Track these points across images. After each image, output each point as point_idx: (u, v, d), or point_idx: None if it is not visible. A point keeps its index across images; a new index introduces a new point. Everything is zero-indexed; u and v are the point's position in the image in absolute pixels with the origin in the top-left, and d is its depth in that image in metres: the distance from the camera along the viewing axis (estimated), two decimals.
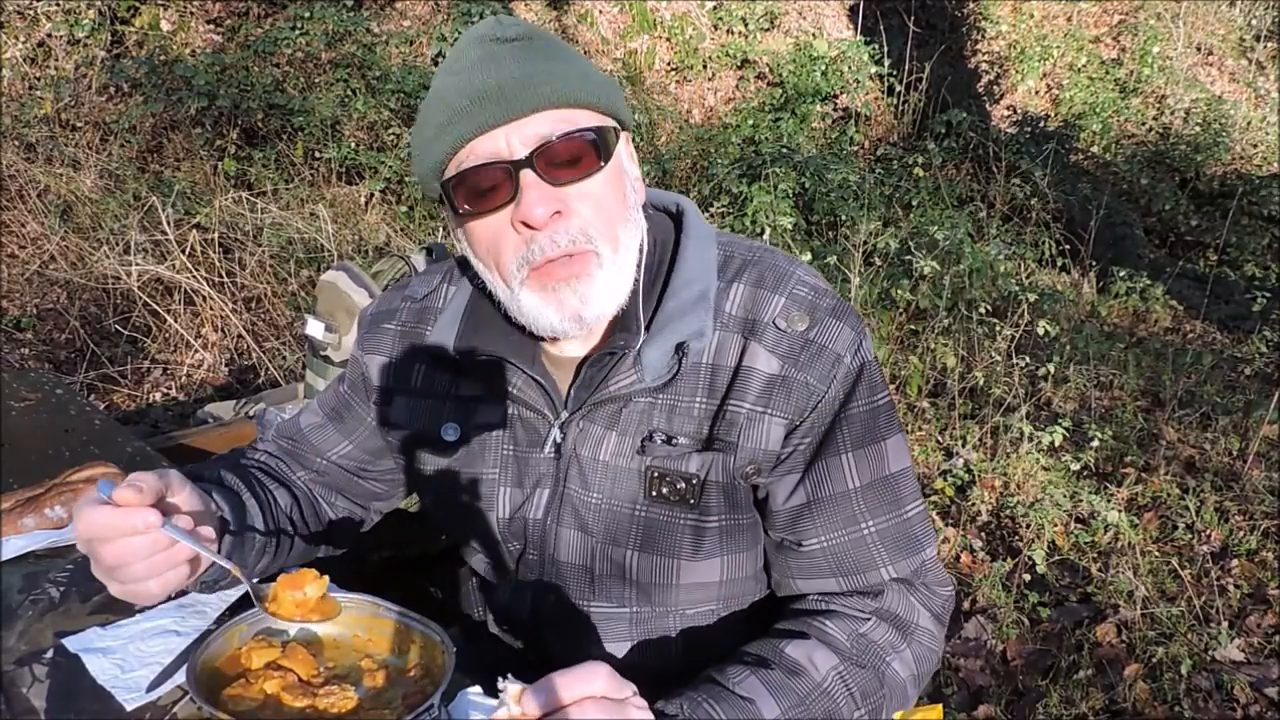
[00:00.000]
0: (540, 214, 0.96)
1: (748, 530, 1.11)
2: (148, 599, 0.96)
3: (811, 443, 1.05)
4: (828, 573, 1.07)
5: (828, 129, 7.65)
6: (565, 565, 1.13)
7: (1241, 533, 3.14)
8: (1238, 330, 5.25)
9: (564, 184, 0.98)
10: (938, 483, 3.37)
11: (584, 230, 0.99)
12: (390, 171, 5.32)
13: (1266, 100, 8.94)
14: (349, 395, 1.26)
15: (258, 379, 3.90)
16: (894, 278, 4.45)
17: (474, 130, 0.97)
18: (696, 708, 0.93)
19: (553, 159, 0.97)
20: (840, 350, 1.04)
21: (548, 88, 0.97)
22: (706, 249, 1.09)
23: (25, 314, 4.11)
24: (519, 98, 0.96)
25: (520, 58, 0.98)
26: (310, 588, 1.01)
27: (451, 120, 0.98)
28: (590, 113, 1.00)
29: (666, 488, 1.06)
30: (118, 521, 0.89)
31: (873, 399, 1.06)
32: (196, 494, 1.00)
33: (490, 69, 0.98)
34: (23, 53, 5.45)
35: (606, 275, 1.00)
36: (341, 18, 5.93)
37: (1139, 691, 2.48)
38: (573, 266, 0.99)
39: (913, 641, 1.06)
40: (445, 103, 0.99)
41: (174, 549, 0.93)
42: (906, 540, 1.06)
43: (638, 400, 1.06)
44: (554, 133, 0.97)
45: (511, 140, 0.97)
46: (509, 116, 0.96)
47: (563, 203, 0.98)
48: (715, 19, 8.25)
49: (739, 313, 1.05)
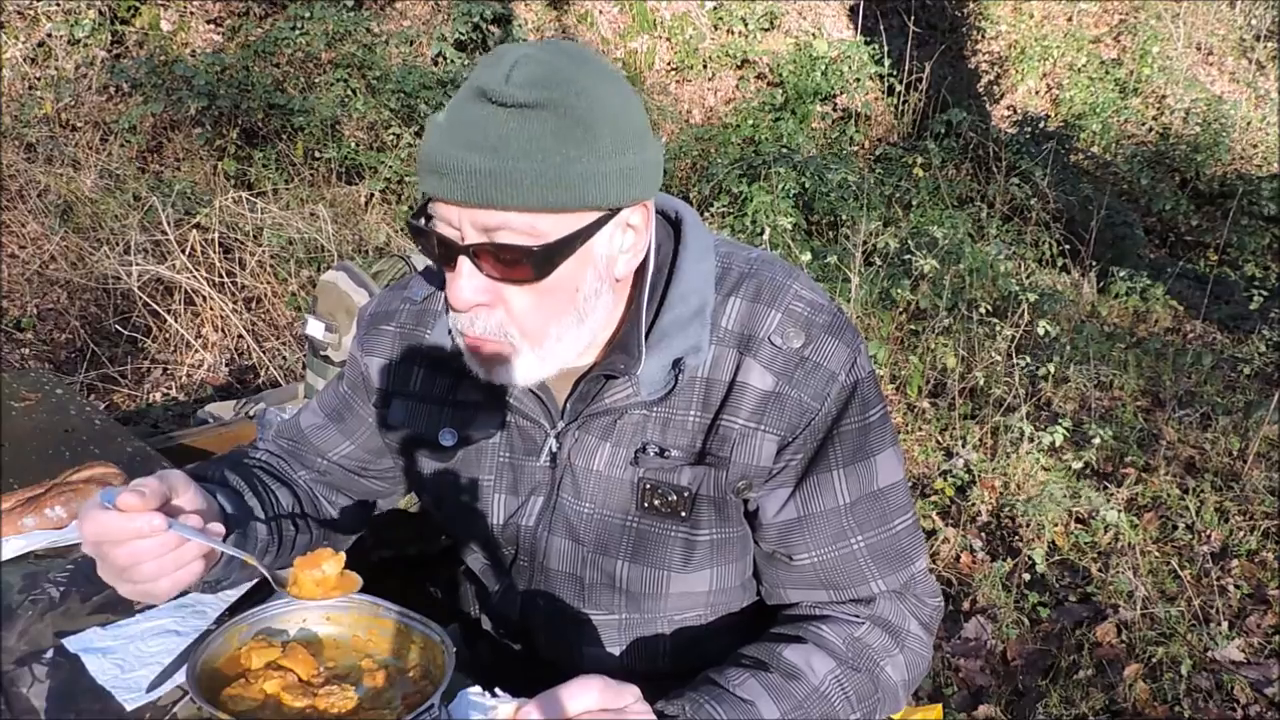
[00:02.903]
0: (465, 300, 0.94)
1: (737, 543, 1.11)
2: (159, 598, 0.96)
3: (803, 459, 1.05)
4: (818, 585, 1.08)
5: (828, 129, 7.65)
6: (555, 573, 1.14)
7: (1241, 533, 3.14)
8: (1238, 330, 5.25)
9: (499, 280, 0.94)
10: (938, 483, 3.37)
11: (503, 327, 0.96)
12: (390, 171, 5.32)
13: (1266, 100, 8.94)
14: (349, 395, 1.26)
15: (258, 379, 3.90)
16: (894, 278, 4.45)
17: (434, 196, 0.94)
18: (699, 709, 0.94)
19: (493, 255, 0.92)
20: (835, 368, 1.04)
21: (505, 193, 0.89)
22: (704, 261, 1.07)
23: (25, 314, 4.11)
24: (476, 189, 0.89)
25: (503, 140, 0.89)
26: (328, 565, 1.00)
27: (423, 171, 0.94)
28: (561, 216, 0.92)
29: (658, 500, 1.07)
30: (123, 525, 0.90)
31: (865, 415, 1.06)
32: (200, 493, 1.00)
33: (467, 140, 0.90)
34: (23, 53, 5.45)
35: (523, 362, 0.98)
36: (341, 18, 5.93)
37: (1139, 691, 2.48)
38: (485, 348, 0.98)
39: (904, 647, 1.07)
40: (425, 152, 0.94)
41: (183, 548, 0.93)
42: (896, 555, 1.07)
43: (633, 412, 1.06)
44: (499, 235, 0.91)
45: (464, 222, 0.92)
46: (462, 203, 0.91)
47: (493, 294, 0.95)
48: (715, 19, 8.25)
49: (735, 328, 1.05)
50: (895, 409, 3.86)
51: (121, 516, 0.90)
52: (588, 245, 0.95)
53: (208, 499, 1.02)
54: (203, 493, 1.01)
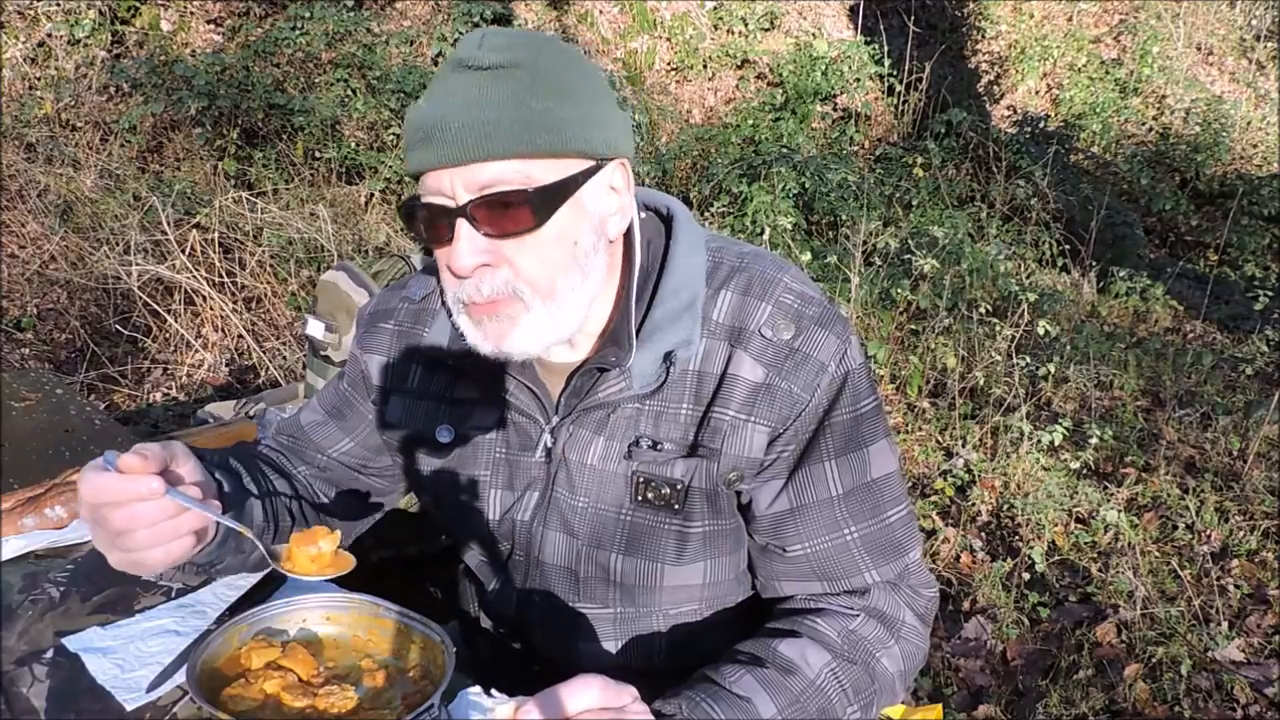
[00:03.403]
0: (467, 264, 0.96)
1: (731, 535, 1.12)
2: (150, 569, 0.96)
3: (795, 450, 1.06)
4: (812, 576, 1.08)
5: (828, 129, 7.64)
6: (550, 567, 1.15)
7: (1241, 533, 3.14)
8: (1238, 330, 5.25)
9: (498, 237, 0.96)
10: (938, 483, 3.37)
11: (510, 283, 0.97)
12: (390, 171, 5.32)
13: (1266, 100, 8.93)
14: (350, 392, 1.27)
15: (258, 379, 3.90)
16: (894, 278, 4.45)
17: (424, 166, 0.96)
18: (695, 707, 0.94)
19: (489, 209, 0.95)
20: (824, 359, 1.04)
21: (494, 141, 0.93)
22: (695, 255, 1.09)
23: (25, 314, 4.11)
24: (463, 145, 0.93)
25: (483, 97, 0.93)
26: (324, 542, 1.01)
27: (410, 146, 0.98)
28: (550, 161, 0.96)
29: (651, 493, 1.07)
30: (123, 485, 0.90)
31: (857, 406, 1.07)
32: (200, 468, 1.00)
33: (450, 103, 0.94)
34: (23, 53, 5.45)
35: (534, 320, 0.99)
36: (341, 18, 5.93)
37: (1139, 691, 2.48)
38: (496, 308, 0.98)
39: (900, 638, 1.07)
40: (409, 127, 0.98)
41: (179, 518, 0.93)
42: (889, 545, 1.08)
43: (626, 406, 1.07)
44: (494, 185, 0.94)
45: (455, 183, 0.95)
46: (451, 162, 0.94)
47: (494, 254, 0.96)
48: (715, 19, 8.25)
49: (726, 320, 1.06)
50: (895, 409, 3.86)
51: (121, 478, 0.90)
52: (579, 197, 0.98)
53: (206, 475, 1.02)
54: (202, 468, 1.01)
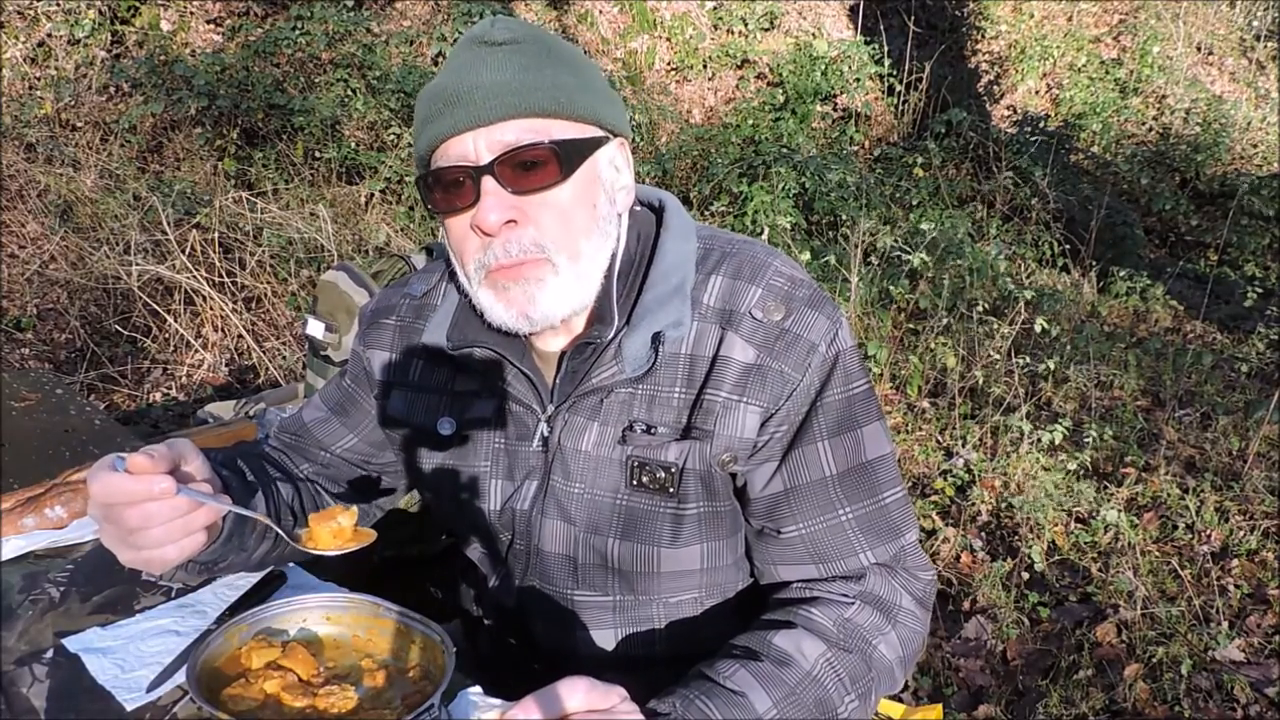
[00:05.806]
0: (494, 221, 0.99)
1: (727, 518, 1.12)
2: (162, 566, 0.96)
3: (788, 431, 1.06)
4: (808, 559, 1.08)
5: (828, 129, 7.64)
6: (549, 555, 1.15)
7: (1241, 533, 3.14)
8: (1238, 330, 5.25)
9: (524, 193, 0.99)
10: (938, 483, 3.37)
11: (537, 241, 1.01)
12: (390, 171, 5.32)
13: (1266, 100, 8.93)
14: (352, 389, 1.28)
15: (258, 379, 3.90)
16: (893, 277, 4.45)
17: (445, 132, 1.00)
18: (689, 706, 0.94)
19: (514, 167, 0.99)
20: (815, 339, 1.05)
21: (518, 97, 0.99)
22: (685, 242, 1.11)
23: (25, 314, 4.11)
24: (489, 104, 0.98)
25: (503, 64, 1.00)
26: (343, 518, 1.01)
27: (429, 119, 1.02)
28: (567, 123, 1.02)
29: (647, 476, 1.08)
30: (134, 486, 0.90)
31: (848, 387, 1.07)
32: (207, 465, 1.00)
33: (471, 73, 1.00)
34: (23, 53, 5.45)
35: (560, 282, 1.02)
36: (342, 18, 5.93)
37: (1139, 691, 2.48)
38: (523, 270, 1.01)
39: (897, 624, 1.07)
40: (428, 102, 1.03)
41: (191, 515, 0.94)
42: (885, 526, 1.08)
43: (619, 391, 1.08)
44: (519, 141, 0.99)
45: (479, 145, 0.99)
46: (477, 122, 0.99)
47: (520, 211, 1.00)
48: (715, 19, 8.25)
49: (717, 304, 1.07)
50: (895, 409, 3.86)
51: (132, 479, 0.90)
52: (594, 161, 1.04)
53: (213, 473, 1.02)
54: (209, 466, 1.01)
